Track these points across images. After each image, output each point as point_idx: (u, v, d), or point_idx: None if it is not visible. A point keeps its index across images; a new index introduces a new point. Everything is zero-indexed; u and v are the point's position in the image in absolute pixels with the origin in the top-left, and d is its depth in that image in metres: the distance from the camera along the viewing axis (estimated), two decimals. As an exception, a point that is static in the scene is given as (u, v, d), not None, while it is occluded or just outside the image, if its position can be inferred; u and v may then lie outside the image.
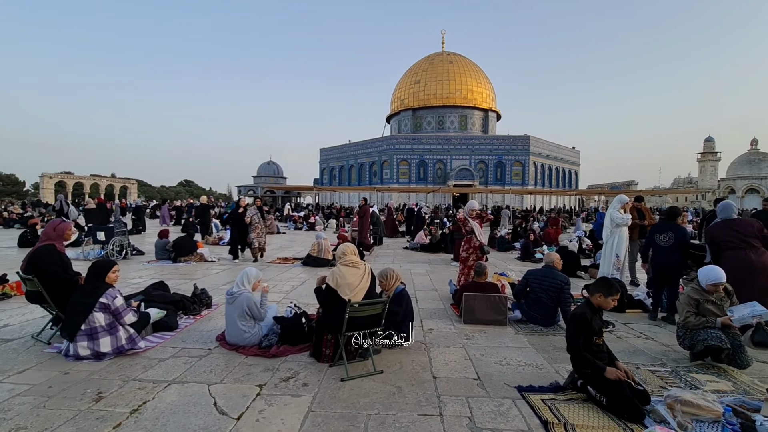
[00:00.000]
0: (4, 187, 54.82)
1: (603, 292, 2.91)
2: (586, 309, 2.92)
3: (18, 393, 2.73)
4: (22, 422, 2.36)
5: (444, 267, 8.87)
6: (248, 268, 3.98)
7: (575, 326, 2.88)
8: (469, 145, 41.85)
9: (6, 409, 2.52)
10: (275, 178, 53.46)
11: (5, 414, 2.45)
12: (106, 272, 3.54)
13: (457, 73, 46.78)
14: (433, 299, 5.78)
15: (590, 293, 2.99)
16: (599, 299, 2.92)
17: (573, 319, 2.95)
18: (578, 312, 2.94)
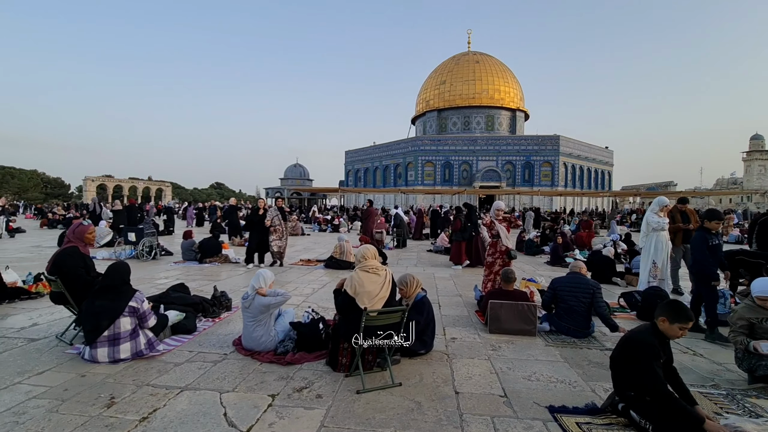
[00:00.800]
0: (52, 189, 58.37)
1: (668, 316, 2.43)
2: (652, 336, 2.45)
3: (35, 395, 2.72)
4: (33, 427, 2.34)
5: (469, 271, 8.57)
6: (262, 270, 3.89)
7: (647, 357, 2.39)
8: (495, 145, 40.95)
9: (21, 412, 2.51)
10: (301, 180, 54.25)
11: (19, 417, 2.44)
12: (129, 275, 3.54)
13: (483, 73, 45.94)
14: (457, 305, 5.53)
15: (655, 315, 2.54)
16: (663, 324, 2.45)
17: (641, 348, 2.44)
18: (645, 340, 2.45)
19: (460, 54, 49.89)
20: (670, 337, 2.49)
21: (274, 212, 8.28)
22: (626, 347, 2.57)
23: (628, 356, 2.51)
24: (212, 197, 72.21)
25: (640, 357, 2.43)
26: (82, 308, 3.32)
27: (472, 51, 49.95)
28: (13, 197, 45.43)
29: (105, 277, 3.44)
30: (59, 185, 62.39)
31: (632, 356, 2.48)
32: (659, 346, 2.44)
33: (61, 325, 4.10)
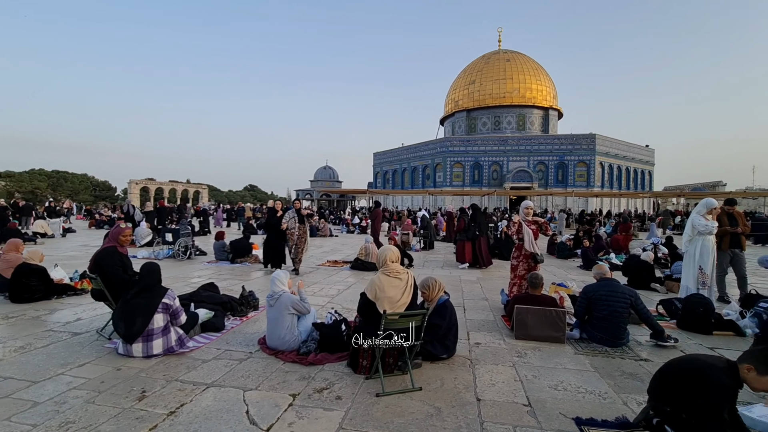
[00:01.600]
0: (100, 192, 62.26)
1: (756, 365, 2.08)
2: (729, 379, 2.14)
3: (75, 386, 2.90)
4: (72, 416, 2.49)
5: (497, 274, 8.37)
6: (277, 271, 3.95)
7: (714, 396, 2.12)
8: (527, 145, 39.86)
9: (62, 401, 2.68)
10: (331, 182, 55.02)
11: (59, 407, 2.60)
12: (160, 275, 3.71)
13: (514, 72, 44.88)
14: (483, 309, 5.41)
15: (739, 359, 2.19)
16: (749, 374, 2.10)
17: (711, 388, 2.13)
18: (719, 381, 2.14)
19: (491, 53, 48.97)
20: (753, 389, 2.13)
21: (291, 215, 7.67)
22: (691, 378, 2.24)
23: (690, 388, 2.21)
24: (246, 199, 74.66)
25: (708, 399, 2.12)
26: (116, 307, 3.49)
27: (503, 49, 48.91)
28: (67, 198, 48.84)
29: (141, 277, 3.62)
30: (107, 188, 66.43)
31: (696, 389, 2.18)
32: (732, 393, 2.13)
33: (101, 321, 4.35)
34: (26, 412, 2.54)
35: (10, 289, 5.22)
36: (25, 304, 5.09)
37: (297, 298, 3.78)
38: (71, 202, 32.19)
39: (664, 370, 2.44)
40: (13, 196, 39.48)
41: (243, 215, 20.35)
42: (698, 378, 2.20)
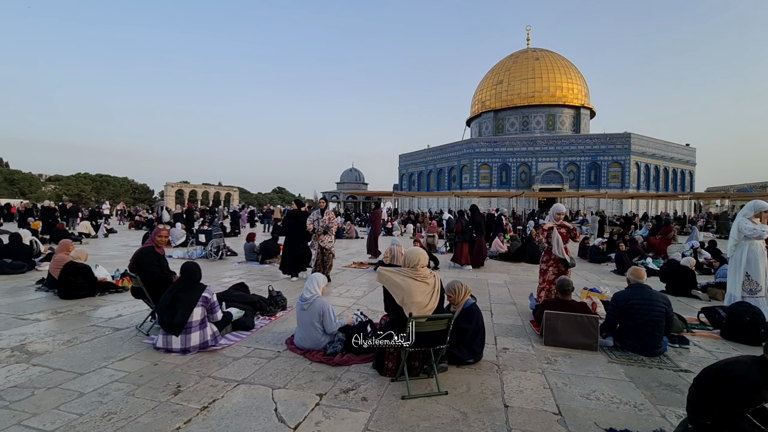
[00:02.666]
0: (139, 195, 65.51)
1: None
2: (755, 370, 2.05)
3: (116, 379, 3.07)
4: (114, 408, 2.63)
5: (525, 278, 8.18)
6: (316, 273, 4.05)
7: (737, 390, 2.04)
8: (557, 146, 38.72)
9: (105, 393, 2.84)
10: (357, 184, 55.47)
11: (103, 398, 2.76)
12: (200, 273, 3.89)
13: (543, 70, 43.76)
14: (511, 314, 5.30)
15: (766, 349, 2.11)
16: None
17: (735, 380, 2.07)
18: (746, 376, 2.05)
19: (519, 52, 47.98)
20: None
21: (315, 215, 7.09)
22: (719, 377, 2.16)
23: (718, 387, 2.12)
24: (274, 201, 76.47)
25: (731, 393, 2.03)
26: (161, 300, 3.70)
27: (532, 48, 47.82)
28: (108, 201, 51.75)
29: (183, 272, 3.81)
30: (145, 191, 69.82)
31: (721, 388, 2.10)
32: (762, 389, 2.01)
33: (140, 317, 4.57)
34: (73, 402, 2.71)
35: (58, 286, 5.58)
36: (72, 300, 5.42)
37: (329, 308, 3.81)
38: (124, 205, 34.21)
39: (697, 379, 2.34)
40: (61, 199, 42.17)
41: (271, 217, 20.83)
42: (724, 373, 2.10)
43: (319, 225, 6.99)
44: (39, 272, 7.34)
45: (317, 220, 7.01)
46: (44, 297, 5.62)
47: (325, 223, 7.00)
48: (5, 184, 50.47)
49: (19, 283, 6.50)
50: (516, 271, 9.07)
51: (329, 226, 7.03)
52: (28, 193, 49.61)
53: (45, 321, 4.52)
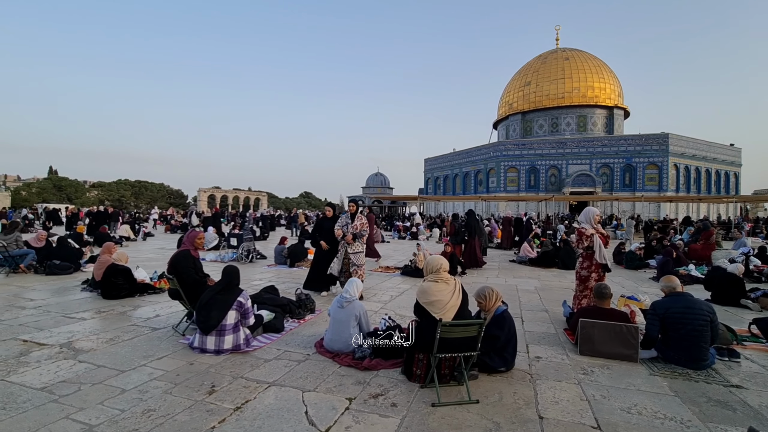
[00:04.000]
0: (174, 200, 68.34)
1: None
2: None
3: (155, 377, 3.19)
4: (153, 405, 2.73)
5: (557, 284, 7.92)
6: (355, 278, 4.10)
7: None
8: (589, 147, 37.44)
9: (144, 390, 2.95)
10: (382, 188, 55.69)
11: (143, 395, 2.87)
12: (239, 277, 4.01)
13: (574, 70, 42.54)
14: (543, 321, 5.14)
15: None
16: None
17: None
18: None
19: (548, 52, 46.88)
20: None
21: (344, 220, 6.28)
22: None
23: None
24: (301, 205, 77.88)
25: None
26: (199, 301, 3.85)
27: (561, 48, 46.62)
28: (146, 206, 54.34)
29: (223, 276, 3.94)
30: (179, 196, 72.79)
31: None
32: None
33: (176, 318, 4.74)
34: (115, 398, 2.83)
35: (101, 287, 5.88)
36: (114, 300, 5.70)
37: (364, 310, 3.89)
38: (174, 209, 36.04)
39: None
40: (103, 204, 44.59)
41: (297, 221, 21.31)
42: None
43: (348, 231, 6.15)
44: (84, 273, 7.77)
45: (346, 225, 6.22)
46: (89, 297, 5.93)
47: (356, 230, 6.16)
48: (54, 190, 53.93)
49: (66, 284, 6.90)
50: (547, 277, 8.80)
51: (362, 232, 6.22)
52: (74, 198, 52.78)
53: (90, 320, 4.77)
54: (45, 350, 3.71)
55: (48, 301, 5.64)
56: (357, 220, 6.24)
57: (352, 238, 6.10)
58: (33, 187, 56.32)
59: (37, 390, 2.91)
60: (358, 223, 6.23)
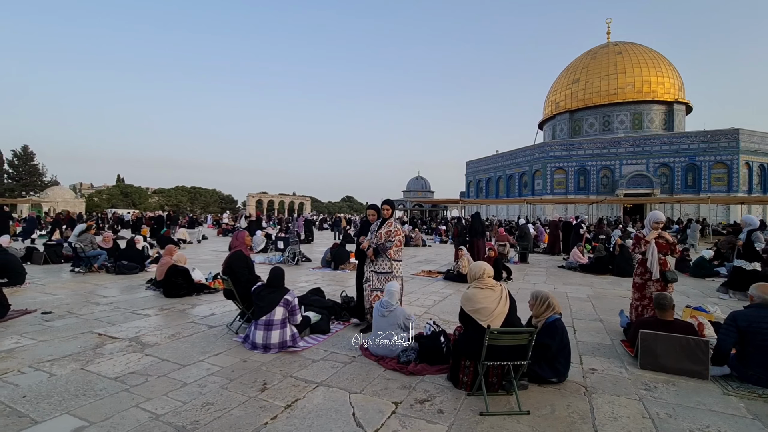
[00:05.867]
0: (225, 204, 72.25)
1: None
2: None
3: (212, 372, 3.38)
4: (211, 398, 2.90)
5: (612, 292, 7.45)
6: (393, 283, 4.13)
7: None
8: (645, 146, 34.98)
9: (203, 384, 3.14)
10: (423, 192, 55.40)
11: (201, 389, 3.06)
12: (284, 278, 4.21)
13: (627, 65, 40.02)
14: (597, 332, 4.85)
15: None
16: None
17: None
18: None
19: (598, 47, 44.50)
20: None
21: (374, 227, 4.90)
22: None
23: None
24: (343, 209, 79.46)
25: None
26: (253, 298, 4.13)
27: (613, 42, 44.09)
28: (201, 211, 57.95)
29: (271, 277, 4.15)
30: (230, 201, 76.89)
31: None
32: None
33: (230, 317, 5.00)
34: (178, 390, 3.04)
35: (163, 286, 6.34)
36: (174, 298, 6.12)
37: (408, 313, 3.93)
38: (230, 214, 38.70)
39: None
40: (163, 209, 48.05)
41: (339, 225, 21.84)
42: None
43: (372, 242, 4.71)
44: (148, 273, 8.41)
45: (373, 233, 4.79)
46: (152, 295, 6.41)
47: (380, 239, 4.65)
48: (121, 196, 58.97)
49: (132, 282, 7.51)
50: (600, 285, 8.31)
51: (386, 244, 4.61)
52: (138, 204, 57.40)
53: (154, 316, 5.15)
54: (117, 343, 4.06)
55: (118, 298, 6.17)
56: (385, 228, 4.71)
57: (373, 253, 4.65)
58: (103, 193, 61.93)
59: (111, 379, 3.19)
60: (383, 231, 4.67)
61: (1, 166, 46.78)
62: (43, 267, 9.17)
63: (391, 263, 4.66)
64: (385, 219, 4.80)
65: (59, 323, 4.72)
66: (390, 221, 4.77)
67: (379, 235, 4.67)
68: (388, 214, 4.84)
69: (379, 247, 4.61)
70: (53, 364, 3.49)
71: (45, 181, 47.54)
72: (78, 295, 6.33)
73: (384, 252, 4.61)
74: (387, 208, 4.85)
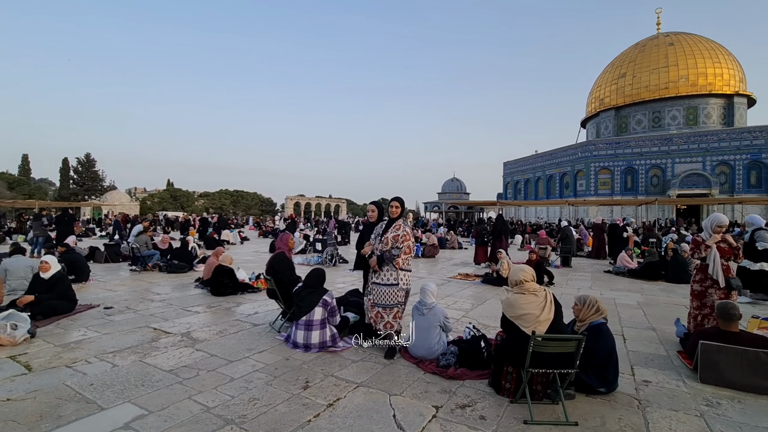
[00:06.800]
0: (264, 207, 74.95)
1: None
2: None
3: (257, 369, 3.51)
4: (256, 394, 3.02)
5: (665, 300, 6.98)
6: (429, 282, 4.09)
7: None
8: (701, 143, 32.52)
9: (249, 380, 3.27)
10: (458, 194, 54.66)
11: (248, 384, 3.19)
12: (324, 279, 4.31)
13: (680, 57, 37.44)
14: (650, 341, 4.56)
15: None
16: None
17: None
18: None
19: (646, 39, 41.98)
20: None
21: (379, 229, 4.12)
22: None
23: None
24: (377, 212, 79.84)
25: None
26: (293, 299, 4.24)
27: (664, 33, 41.44)
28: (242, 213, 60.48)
29: (310, 277, 4.25)
30: (270, 203, 79.67)
31: None
32: None
33: (272, 315, 5.17)
34: (226, 384, 3.18)
35: (210, 285, 6.67)
36: (220, 297, 6.42)
37: (445, 313, 3.90)
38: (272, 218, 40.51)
39: None
40: (208, 211, 50.61)
41: (374, 227, 21.98)
42: None
43: (377, 248, 3.97)
44: (196, 272, 8.88)
45: (377, 237, 4.03)
46: (200, 293, 6.76)
47: (386, 245, 3.89)
48: (171, 200, 62.67)
49: (183, 281, 7.96)
50: (651, 291, 7.82)
51: (392, 252, 3.85)
52: (186, 206, 60.76)
53: (203, 313, 5.43)
54: (170, 338, 4.32)
55: (170, 295, 6.57)
56: (392, 231, 3.93)
57: (376, 263, 3.88)
58: (155, 197, 66.11)
59: (166, 372, 3.39)
60: (391, 236, 3.90)
61: (67, 172, 51.35)
62: (104, 265, 9.93)
63: (397, 273, 3.88)
64: (393, 220, 4.02)
65: (119, 318, 5.09)
66: (398, 223, 3.97)
67: (385, 240, 3.90)
68: (397, 214, 4.03)
69: (385, 256, 3.87)
70: (115, 355, 3.77)
71: (104, 186, 51.60)
72: (135, 292, 6.80)
73: (391, 261, 3.85)
74: (396, 205, 4.05)
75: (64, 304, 5.14)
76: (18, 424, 2.52)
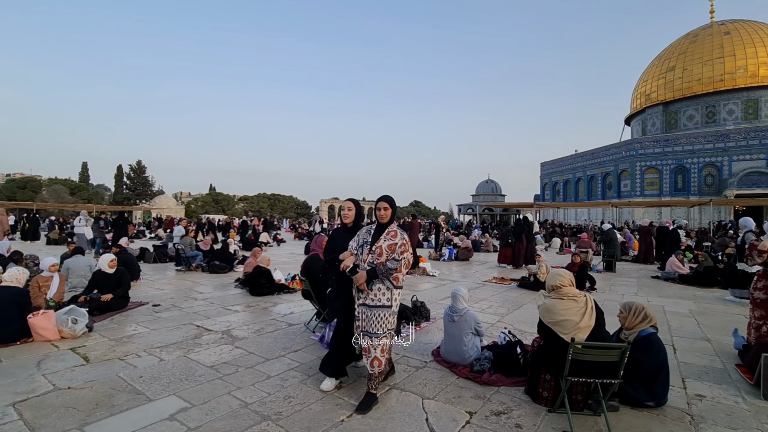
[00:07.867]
0: (300, 210, 76.87)
1: None
2: None
3: (292, 368, 3.61)
4: (292, 392, 3.09)
5: (721, 308, 6.47)
6: (460, 287, 4.02)
7: None
8: (763, 138, 29.89)
9: (284, 378, 3.36)
10: (493, 195, 53.45)
11: (284, 382, 3.28)
12: None
13: (737, 46, 34.68)
14: (704, 353, 4.25)
15: None
16: None
17: None
18: None
19: (699, 29, 39.24)
20: None
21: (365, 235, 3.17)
22: None
23: None
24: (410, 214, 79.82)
25: None
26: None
27: (718, 21, 38.59)
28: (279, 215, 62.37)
29: None
30: (305, 206, 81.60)
31: None
32: None
33: (307, 316, 5.29)
34: (263, 382, 3.29)
35: (249, 285, 6.93)
36: (258, 297, 6.65)
37: (477, 317, 3.82)
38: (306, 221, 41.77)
39: None
40: (247, 214, 52.58)
41: (407, 229, 22.01)
42: None
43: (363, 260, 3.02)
44: (236, 273, 9.25)
45: (363, 246, 3.08)
46: (240, 293, 7.04)
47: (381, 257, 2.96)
48: (213, 203, 65.72)
49: (223, 281, 8.31)
50: (705, 299, 7.27)
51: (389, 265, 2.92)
52: (227, 210, 63.48)
53: (242, 312, 5.65)
54: (212, 335, 4.52)
55: (212, 294, 6.88)
56: (385, 239, 3.02)
57: (364, 280, 2.91)
58: (198, 201, 69.60)
59: (208, 367, 3.56)
60: (385, 245, 2.99)
61: (121, 178, 55.24)
62: (153, 265, 10.57)
63: (391, 293, 2.98)
64: (383, 225, 3.11)
65: (166, 315, 5.40)
66: (392, 229, 3.09)
67: (378, 250, 2.97)
68: (386, 218, 3.12)
69: (379, 270, 2.91)
70: (162, 350, 3.99)
71: (154, 191, 54.99)
72: (180, 290, 7.18)
73: (387, 277, 2.93)
74: (385, 206, 3.13)
75: (118, 300, 5.53)
76: (78, 411, 2.73)
